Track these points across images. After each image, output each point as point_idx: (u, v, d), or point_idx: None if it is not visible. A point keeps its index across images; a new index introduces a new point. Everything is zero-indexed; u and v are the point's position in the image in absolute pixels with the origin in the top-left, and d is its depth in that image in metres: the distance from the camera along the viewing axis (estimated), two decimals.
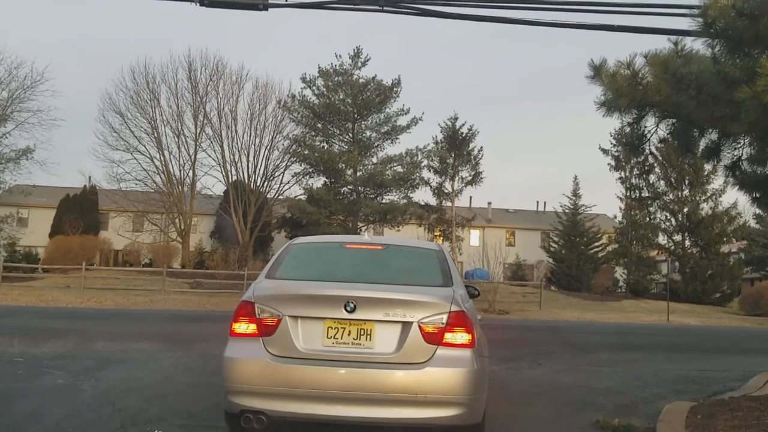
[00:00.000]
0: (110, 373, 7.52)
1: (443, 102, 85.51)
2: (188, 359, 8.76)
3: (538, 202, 58.78)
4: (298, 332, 4.37)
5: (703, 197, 40.50)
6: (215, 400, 5.13)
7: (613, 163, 41.57)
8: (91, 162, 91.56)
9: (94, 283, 28.44)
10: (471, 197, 48.94)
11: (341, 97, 37.69)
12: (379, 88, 37.60)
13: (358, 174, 37.60)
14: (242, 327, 4.48)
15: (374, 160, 38.98)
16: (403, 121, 38.56)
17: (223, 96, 38.81)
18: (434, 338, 4.32)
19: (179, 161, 38.81)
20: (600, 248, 41.60)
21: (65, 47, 72.58)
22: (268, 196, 40.34)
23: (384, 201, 38.43)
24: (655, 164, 40.29)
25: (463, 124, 40.34)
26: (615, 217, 44.85)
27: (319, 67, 37.82)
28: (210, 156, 39.79)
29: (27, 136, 42.37)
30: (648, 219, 41.98)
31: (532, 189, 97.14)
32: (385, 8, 6.69)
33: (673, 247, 40.77)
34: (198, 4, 7.13)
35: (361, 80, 37.48)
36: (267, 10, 7.13)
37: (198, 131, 38.70)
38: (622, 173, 41.77)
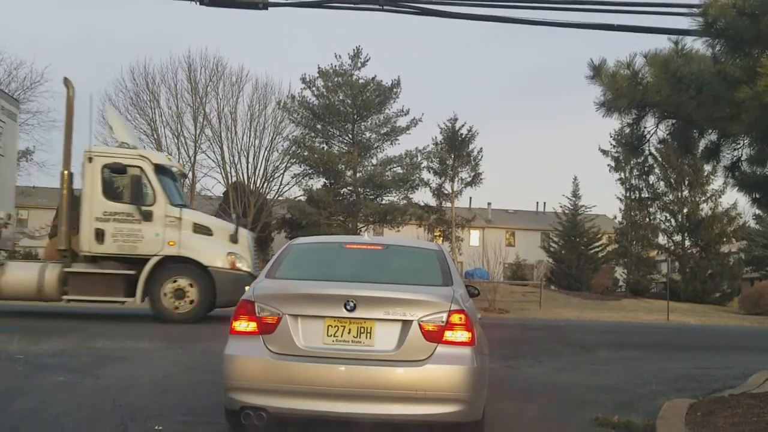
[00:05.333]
0: (110, 371, 7.52)
1: (443, 103, 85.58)
2: (188, 357, 8.76)
3: (537, 202, 58.87)
4: (298, 330, 4.39)
5: (703, 198, 40.57)
6: (215, 397, 5.14)
7: (612, 163, 41.70)
8: None
9: None
10: (471, 198, 48.95)
11: (341, 97, 37.72)
12: (379, 89, 37.64)
13: (358, 175, 37.63)
14: (242, 325, 4.50)
15: (374, 161, 39.07)
16: (402, 122, 38.64)
17: (223, 97, 38.79)
18: (434, 336, 4.34)
19: (179, 162, 38.74)
20: (600, 248, 41.68)
21: (64, 48, 72.60)
22: (268, 197, 40.30)
23: (384, 202, 38.47)
24: (655, 165, 40.28)
25: (463, 125, 40.38)
26: (615, 217, 44.92)
27: (318, 68, 37.88)
28: (210, 157, 39.78)
29: (26, 138, 42.27)
30: (648, 219, 42.06)
31: (531, 189, 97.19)
32: (385, 7, 6.72)
33: (672, 248, 40.84)
34: (198, 2, 7.15)
35: (360, 81, 37.51)
36: (267, 8, 7.16)
37: (197, 132, 38.69)
38: (622, 174, 41.88)
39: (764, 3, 5.25)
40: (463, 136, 40.02)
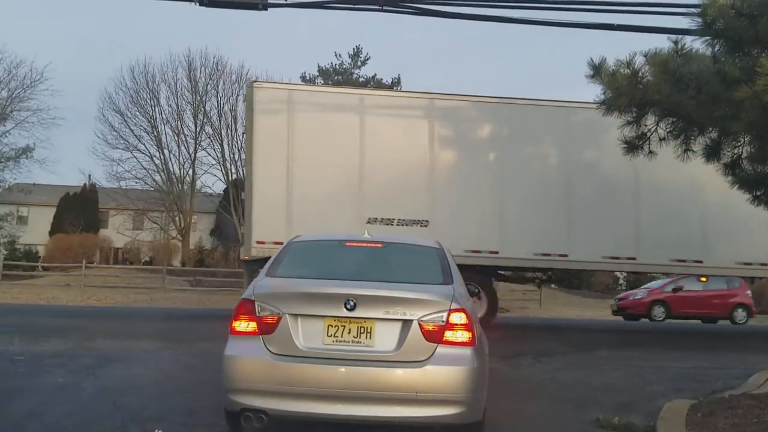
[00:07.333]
0: (110, 371, 7.53)
1: None
2: (188, 357, 8.77)
3: None
4: (299, 330, 4.38)
5: None
6: (215, 399, 5.14)
7: None
8: (91, 160, 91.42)
9: (94, 281, 28.44)
10: None
11: None
12: (379, 87, 37.63)
13: None
14: (242, 325, 4.48)
15: None
16: None
17: (223, 95, 38.74)
18: (434, 336, 4.33)
19: (179, 160, 38.77)
20: None
21: (65, 46, 72.51)
22: None
23: None
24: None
25: None
26: None
27: (318, 67, 37.99)
28: (210, 155, 39.74)
29: (27, 135, 42.12)
30: None
31: None
32: (384, 7, 6.72)
33: None
34: (197, 3, 7.15)
35: (361, 79, 37.53)
36: (266, 9, 7.16)
37: (198, 130, 38.69)
38: None
39: (763, 3, 5.25)
40: None
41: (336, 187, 13.27)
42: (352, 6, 6.87)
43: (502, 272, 14.66)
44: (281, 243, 5.91)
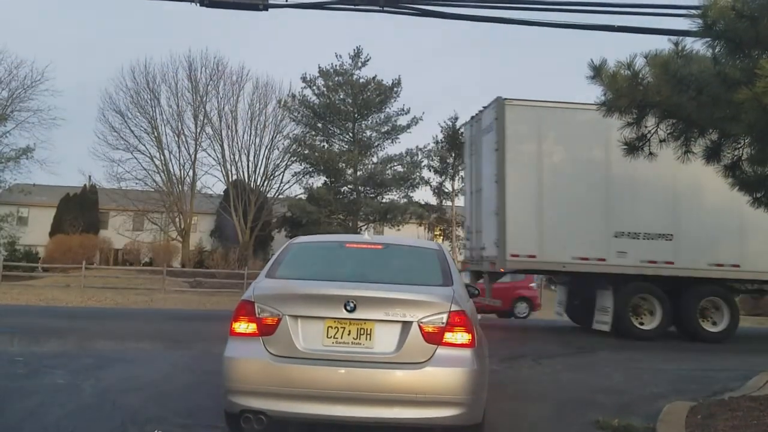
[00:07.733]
0: (110, 372, 7.52)
1: (443, 102, 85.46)
2: (188, 358, 8.76)
3: None
4: (298, 332, 4.38)
5: None
6: (215, 400, 5.14)
7: None
8: (91, 161, 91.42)
9: (94, 282, 28.44)
10: None
11: (341, 96, 37.69)
12: (379, 88, 37.58)
13: (359, 173, 37.60)
14: (242, 326, 4.48)
15: (374, 159, 39.00)
16: (403, 120, 38.57)
17: (223, 96, 38.83)
18: (434, 338, 4.33)
19: (179, 160, 38.84)
20: None
21: (65, 47, 72.55)
22: (269, 195, 40.32)
23: (384, 200, 38.41)
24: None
25: (464, 124, 40.33)
26: None
27: (319, 67, 37.85)
28: (210, 155, 39.89)
29: (27, 136, 42.20)
30: None
31: None
32: (385, 8, 6.72)
33: None
34: (198, 4, 7.16)
35: (361, 80, 37.47)
36: (267, 10, 7.16)
37: (198, 131, 38.74)
38: None
39: (763, 5, 5.25)
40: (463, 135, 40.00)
41: (584, 201, 13.47)
42: (352, 7, 6.87)
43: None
44: (534, 256, 5.91)
